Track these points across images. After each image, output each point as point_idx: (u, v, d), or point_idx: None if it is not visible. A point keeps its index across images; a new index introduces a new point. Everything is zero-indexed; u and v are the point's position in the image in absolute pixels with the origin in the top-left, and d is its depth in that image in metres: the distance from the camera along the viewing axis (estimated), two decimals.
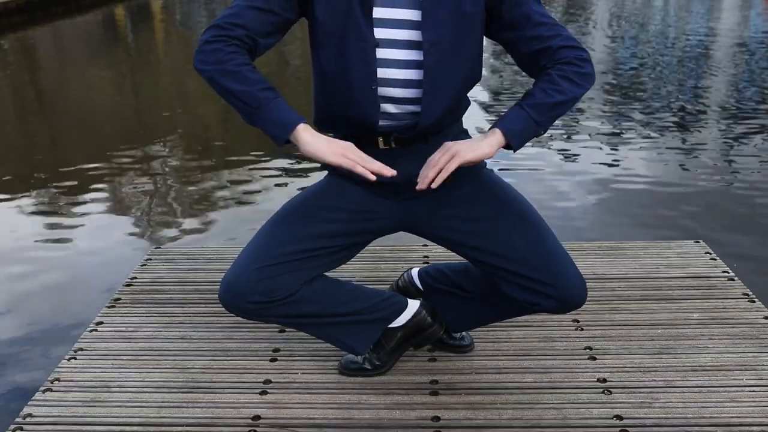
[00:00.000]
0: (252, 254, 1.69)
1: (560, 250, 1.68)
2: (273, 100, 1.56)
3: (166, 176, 4.92)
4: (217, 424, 1.78)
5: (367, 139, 1.71)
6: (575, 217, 4.04)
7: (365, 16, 1.59)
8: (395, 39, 1.61)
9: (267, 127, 1.57)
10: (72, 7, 14.94)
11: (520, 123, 1.58)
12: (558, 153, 5.18)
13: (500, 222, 1.71)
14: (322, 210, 1.75)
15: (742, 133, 5.66)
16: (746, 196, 4.35)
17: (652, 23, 12.15)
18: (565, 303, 1.67)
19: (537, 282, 1.65)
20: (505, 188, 1.78)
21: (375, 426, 1.76)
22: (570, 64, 1.60)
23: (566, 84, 1.59)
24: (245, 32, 1.58)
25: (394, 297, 1.90)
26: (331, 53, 1.64)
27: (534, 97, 1.60)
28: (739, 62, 8.62)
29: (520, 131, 1.58)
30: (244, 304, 1.68)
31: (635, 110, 6.42)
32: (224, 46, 1.57)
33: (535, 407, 1.81)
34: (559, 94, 1.59)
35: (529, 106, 1.59)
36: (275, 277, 1.67)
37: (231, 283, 1.68)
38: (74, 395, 1.90)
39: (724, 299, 2.31)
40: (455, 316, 1.96)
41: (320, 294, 1.75)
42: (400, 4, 1.60)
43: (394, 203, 1.78)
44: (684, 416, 1.77)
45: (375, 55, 1.60)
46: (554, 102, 1.59)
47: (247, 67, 1.57)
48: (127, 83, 8.16)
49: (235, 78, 1.56)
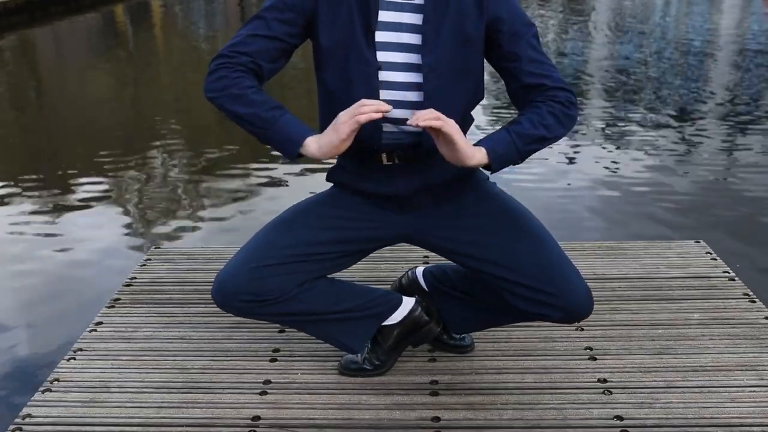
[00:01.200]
0: (247, 255, 1.71)
1: (565, 262, 1.68)
2: (280, 117, 1.59)
3: (166, 176, 4.91)
4: (217, 425, 1.77)
5: (369, 156, 1.73)
6: (575, 217, 4.04)
7: (368, 40, 1.62)
8: (396, 62, 1.63)
9: (277, 144, 1.60)
10: (72, 6, 14.93)
11: (504, 147, 1.60)
12: (558, 153, 5.17)
13: (502, 233, 1.71)
14: (321, 218, 1.76)
15: (742, 133, 5.66)
16: (747, 196, 4.35)
17: (653, 23, 12.15)
18: (571, 314, 1.66)
19: (541, 293, 1.65)
20: (507, 200, 1.79)
21: (375, 426, 1.76)
22: (560, 103, 1.65)
23: (552, 120, 1.63)
24: (250, 59, 1.63)
25: (388, 294, 1.90)
26: (335, 75, 1.66)
27: (521, 126, 1.62)
28: (739, 62, 8.62)
29: (501, 154, 1.59)
30: (236, 303, 1.69)
31: (635, 110, 6.42)
32: (229, 72, 1.61)
33: (535, 407, 1.81)
34: (545, 129, 1.62)
35: (516, 134, 1.61)
36: (268, 278, 1.68)
37: (223, 282, 1.69)
38: (74, 395, 1.90)
39: (724, 299, 2.31)
40: (460, 318, 1.95)
41: (313, 294, 1.76)
42: (402, 28, 1.63)
43: (395, 214, 1.79)
44: (684, 416, 1.77)
45: (378, 78, 1.63)
46: (539, 136, 1.62)
47: (251, 89, 1.60)
48: (127, 83, 8.15)
49: (242, 102, 1.59)
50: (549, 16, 13.25)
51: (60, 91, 7.82)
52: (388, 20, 1.63)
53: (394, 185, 1.74)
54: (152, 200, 4.46)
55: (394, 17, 1.63)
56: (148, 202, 4.43)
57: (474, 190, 1.80)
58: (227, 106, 1.61)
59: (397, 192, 1.74)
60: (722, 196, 4.35)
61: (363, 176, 1.76)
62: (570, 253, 2.63)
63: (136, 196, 4.53)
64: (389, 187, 1.75)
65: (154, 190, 4.63)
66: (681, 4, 14.99)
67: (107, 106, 7.00)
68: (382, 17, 1.63)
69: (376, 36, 1.62)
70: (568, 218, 4.00)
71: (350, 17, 1.62)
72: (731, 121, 6.03)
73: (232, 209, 4.29)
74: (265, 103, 1.60)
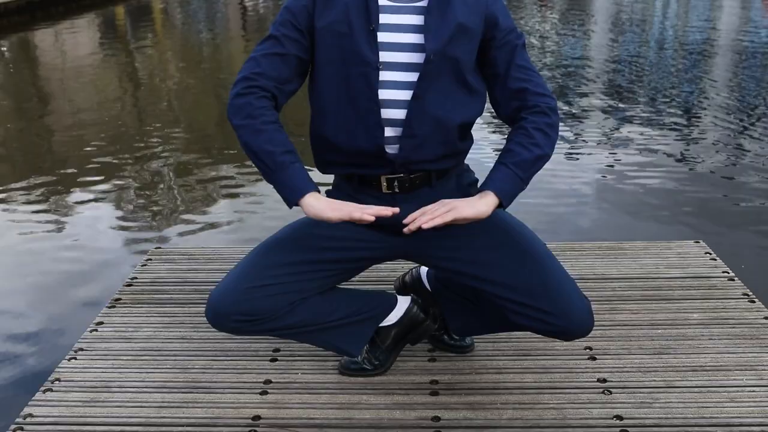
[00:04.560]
0: (239, 275, 1.70)
1: (566, 281, 1.67)
2: (290, 165, 1.60)
3: (166, 176, 4.92)
4: (218, 424, 1.78)
5: (369, 182, 1.74)
6: (575, 217, 4.04)
7: (369, 40, 1.63)
8: (397, 62, 1.64)
9: (280, 189, 1.61)
10: (72, 7, 14.94)
11: (509, 183, 1.63)
12: (558, 153, 5.17)
13: (503, 252, 1.71)
14: (315, 238, 1.76)
15: (742, 133, 5.66)
16: (747, 196, 4.35)
17: (653, 22, 12.14)
18: (571, 333, 1.66)
19: (541, 312, 1.65)
20: (507, 220, 1.79)
21: (375, 426, 1.76)
22: (541, 113, 1.67)
23: (540, 136, 1.66)
24: (268, 81, 1.65)
25: (382, 296, 1.91)
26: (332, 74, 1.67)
27: (516, 154, 1.64)
28: (740, 62, 8.62)
29: (509, 190, 1.63)
30: (229, 323, 1.68)
31: (635, 110, 6.42)
32: (254, 99, 1.63)
33: (535, 407, 1.81)
34: (537, 147, 1.65)
35: (514, 165, 1.63)
36: (261, 298, 1.67)
37: (216, 303, 1.68)
38: (74, 395, 1.90)
39: (724, 299, 2.31)
40: (464, 322, 1.95)
41: (306, 307, 1.75)
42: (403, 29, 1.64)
43: (393, 236, 1.79)
44: (684, 416, 1.77)
45: (378, 78, 1.64)
46: (534, 157, 1.64)
47: (273, 125, 1.62)
48: (127, 83, 8.16)
49: (261, 138, 1.61)
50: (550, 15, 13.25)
51: (60, 91, 7.83)
52: (389, 22, 1.64)
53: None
54: (153, 201, 4.47)
55: (395, 19, 1.64)
56: (148, 203, 4.43)
57: None
58: (246, 138, 1.62)
59: (397, 218, 1.74)
60: (722, 196, 4.35)
61: (362, 202, 1.75)
62: (570, 253, 2.64)
63: (137, 197, 4.53)
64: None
65: (154, 191, 4.64)
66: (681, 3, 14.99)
67: (107, 106, 7.00)
68: (384, 19, 1.64)
69: (378, 36, 1.63)
70: (568, 218, 4.00)
71: (347, 17, 1.63)
72: (732, 120, 6.04)
73: (233, 210, 4.29)
74: (282, 144, 1.61)
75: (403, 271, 2.51)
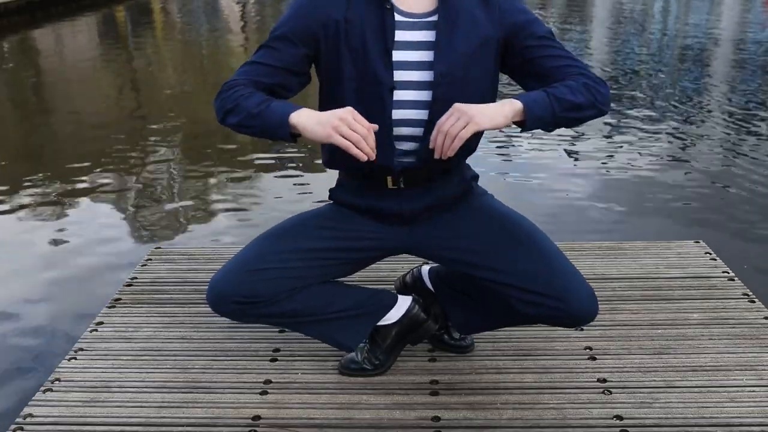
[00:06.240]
0: (242, 259, 1.71)
1: (567, 266, 1.67)
2: (266, 109, 1.56)
3: (166, 176, 4.92)
4: (217, 424, 1.78)
5: (376, 179, 1.74)
6: (575, 217, 4.04)
7: (384, 60, 1.61)
8: (410, 80, 1.63)
9: (271, 134, 1.57)
10: (72, 7, 14.94)
11: (542, 107, 1.53)
12: (558, 153, 5.17)
13: (503, 240, 1.71)
14: (320, 229, 1.77)
15: (742, 133, 5.66)
16: (746, 196, 4.35)
17: (653, 22, 12.14)
18: (575, 318, 1.65)
19: (545, 296, 1.64)
20: (504, 210, 1.79)
21: (375, 426, 1.76)
22: (591, 79, 1.60)
23: (587, 92, 1.58)
24: (252, 81, 1.63)
25: (382, 293, 1.91)
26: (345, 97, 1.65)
27: (559, 90, 1.56)
28: (740, 62, 8.62)
29: (538, 114, 1.53)
30: (229, 305, 1.69)
31: (635, 110, 6.42)
32: (232, 93, 1.60)
33: (535, 407, 1.81)
34: (582, 96, 1.56)
35: (553, 97, 1.55)
36: (262, 281, 1.68)
37: (217, 284, 1.69)
38: (74, 395, 1.90)
39: (724, 299, 2.31)
40: (465, 319, 1.95)
41: (306, 295, 1.76)
42: (415, 46, 1.63)
43: (396, 228, 1.80)
44: (684, 416, 1.77)
45: (392, 98, 1.63)
46: (576, 103, 1.56)
47: (243, 96, 1.58)
48: (128, 83, 8.16)
49: (237, 110, 1.58)
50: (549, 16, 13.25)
51: (60, 92, 7.83)
52: (403, 39, 1.63)
53: (398, 206, 1.76)
54: (153, 200, 4.46)
55: (409, 36, 1.63)
56: (148, 203, 4.43)
57: (473, 202, 1.82)
58: (230, 121, 1.60)
59: (401, 212, 1.76)
60: (722, 196, 4.35)
61: (367, 197, 1.77)
62: (570, 253, 2.64)
63: (137, 197, 4.53)
64: (393, 208, 1.77)
65: (154, 191, 4.64)
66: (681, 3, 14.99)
67: (107, 107, 7.00)
68: (398, 36, 1.63)
69: (393, 55, 1.62)
70: (567, 218, 4.00)
71: (363, 39, 1.61)
72: (732, 120, 6.03)
73: (233, 210, 4.29)
74: (257, 104, 1.57)
75: (403, 271, 2.51)
